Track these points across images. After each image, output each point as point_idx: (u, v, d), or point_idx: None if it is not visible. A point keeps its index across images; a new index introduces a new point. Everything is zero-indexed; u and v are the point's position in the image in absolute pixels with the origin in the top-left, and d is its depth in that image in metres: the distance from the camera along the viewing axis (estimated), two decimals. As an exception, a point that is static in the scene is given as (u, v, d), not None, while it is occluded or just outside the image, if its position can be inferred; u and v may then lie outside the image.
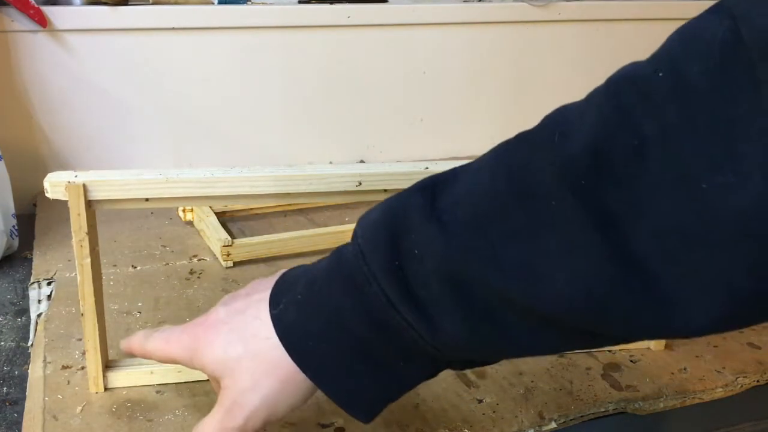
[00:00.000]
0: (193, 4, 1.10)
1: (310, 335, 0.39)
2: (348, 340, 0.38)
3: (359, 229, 0.40)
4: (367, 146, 1.27)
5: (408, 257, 0.36)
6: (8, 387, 0.60)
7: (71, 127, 1.08)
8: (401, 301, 0.36)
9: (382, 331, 0.37)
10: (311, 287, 0.40)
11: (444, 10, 1.24)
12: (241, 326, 0.41)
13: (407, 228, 0.37)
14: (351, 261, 0.39)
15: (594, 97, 0.34)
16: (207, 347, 0.42)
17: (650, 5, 1.39)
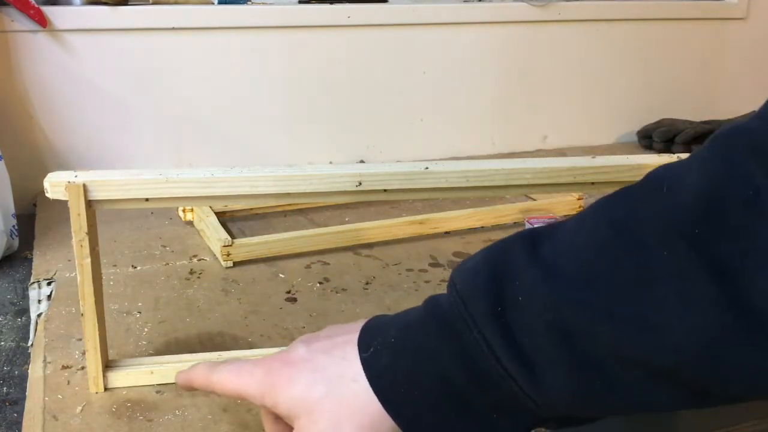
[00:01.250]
0: (193, 4, 1.10)
1: (403, 381, 0.37)
2: (443, 388, 0.36)
3: (456, 275, 0.38)
4: (367, 146, 1.27)
5: (511, 304, 0.35)
6: (8, 387, 0.60)
7: (71, 127, 1.08)
8: (503, 350, 0.34)
9: (480, 381, 0.36)
10: (405, 332, 0.38)
11: (444, 10, 1.24)
12: (325, 366, 0.39)
13: (510, 274, 0.35)
14: (449, 308, 0.37)
15: (698, 154, 0.34)
16: (285, 384, 0.39)
17: (650, 5, 1.39)
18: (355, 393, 0.38)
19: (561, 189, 0.60)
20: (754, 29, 1.51)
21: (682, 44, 1.45)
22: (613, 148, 1.41)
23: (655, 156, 0.60)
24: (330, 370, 0.39)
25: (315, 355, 0.40)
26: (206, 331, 0.67)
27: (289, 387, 0.39)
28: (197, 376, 0.44)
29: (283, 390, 0.39)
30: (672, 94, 1.48)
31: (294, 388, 0.39)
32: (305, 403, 0.38)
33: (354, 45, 1.21)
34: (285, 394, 0.39)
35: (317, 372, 0.39)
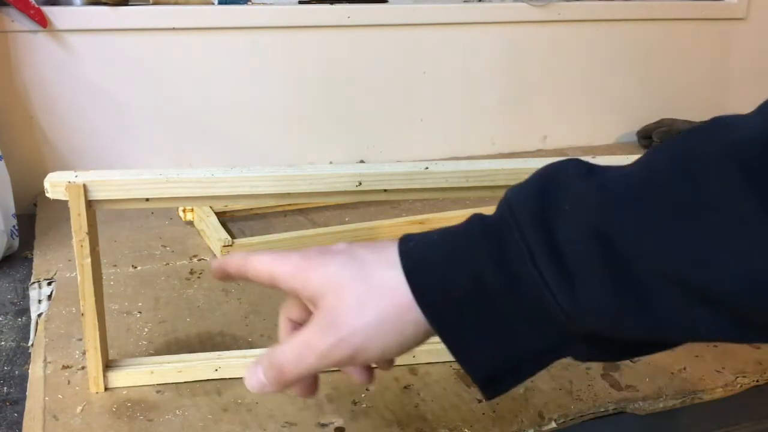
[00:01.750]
0: (193, 4, 1.10)
1: (436, 273, 0.36)
2: (474, 286, 0.35)
3: (509, 190, 0.37)
4: (367, 146, 1.27)
5: (557, 211, 0.34)
6: (8, 387, 0.60)
7: (71, 127, 1.08)
8: (542, 254, 0.34)
9: (513, 285, 0.35)
10: (447, 232, 0.38)
11: (444, 10, 1.25)
12: (362, 254, 0.39)
13: (560, 185, 0.35)
14: (495, 216, 0.37)
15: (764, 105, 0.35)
16: (318, 265, 0.39)
17: (650, 5, 1.39)
18: (387, 277, 0.37)
19: (561, 189, 0.60)
20: (754, 29, 1.51)
21: (682, 44, 1.45)
22: (613, 148, 1.41)
23: (655, 156, 0.60)
24: (366, 257, 0.38)
25: (353, 248, 0.40)
26: (206, 331, 0.68)
27: (323, 267, 0.39)
28: (231, 260, 0.43)
29: (316, 269, 0.39)
30: (672, 94, 1.48)
31: (328, 268, 0.38)
32: (336, 280, 0.38)
33: (354, 45, 1.21)
34: (317, 272, 0.39)
35: (353, 258, 0.39)
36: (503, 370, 0.37)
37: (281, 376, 0.39)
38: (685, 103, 1.48)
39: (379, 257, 0.38)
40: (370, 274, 0.37)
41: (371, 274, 0.37)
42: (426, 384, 0.59)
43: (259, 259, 0.41)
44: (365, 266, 0.38)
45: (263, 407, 0.56)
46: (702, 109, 1.48)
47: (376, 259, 0.38)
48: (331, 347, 0.37)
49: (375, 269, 0.37)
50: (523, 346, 0.36)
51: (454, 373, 0.60)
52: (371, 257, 0.38)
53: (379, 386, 0.58)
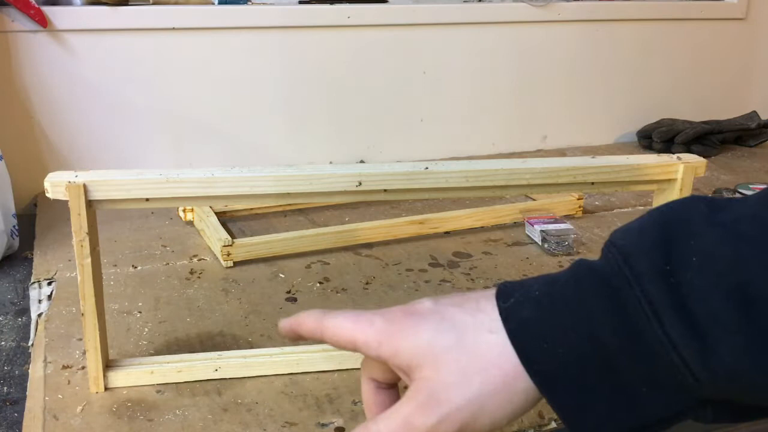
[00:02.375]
0: (193, 4, 1.10)
1: (545, 336, 0.33)
2: (590, 349, 0.32)
3: (616, 234, 0.34)
4: (367, 146, 1.27)
5: (682, 264, 0.30)
6: (9, 387, 0.60)
7: (71, 127, 1.08)
8: (668, 312, 0.30)
9: (634, 346, 0.31)
10: (551, 286, 0.34)
11: (444, 10, 1.25)
12: (456, 316, 0.35)
13: (683, 233, 0.31)
14: (605, 266, 0.33)
15: None
16: (408, 332, 0.35)
17: (650, 5, 1.39)
18: (490, 345, 0.34)
19: (561, 189, 0.60)
20: (754, 29, 1.51)
21: (682, 44, 1.45)
22: (613, 148, 1.41)
23: (655, 156, 0.60)
24: (462, 319, 0.35)
25: (444, 307, 0.36)
26: (206, 331, 0.68)
27: (414, 334, 0.35)
28: (307, 320, 0.39)
29: (406, 337, 0.35)
30: (672, 94, 1.48)
31: (420, 336, 0.35)
32: (431, 351, 0.34)
33: (354, 45, 1.21)
34: (408, 340, 0.35)
35: (447, 321, 0.35)
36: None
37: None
38: (684, 103, 1.48)
39: (475, 320, 0.35)
40: (470, 342, 0.34)
41: (470, 341, 0.34)
42: (426, 384, 0.59)
43: (339, 323, 0.38)
44: (462, 332, 0.34)
45: (263, 407, 0.56)
46: (702, 110, 1.48)
47: (473, 323, 0.35)
48: (434, 426, 0.34)
49: (474, 335, 0.34)
50: (644, 412, 0.33)
51: (454, 373, 0.60)
52: (467, 320, 0.35)
53: None
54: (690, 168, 0.59)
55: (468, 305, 0.36)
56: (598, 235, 0.93)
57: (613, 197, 1.08)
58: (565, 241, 0.87)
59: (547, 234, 0.88)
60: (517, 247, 0.89)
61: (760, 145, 1.42)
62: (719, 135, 1.37)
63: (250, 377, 0.59)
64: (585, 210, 1.00)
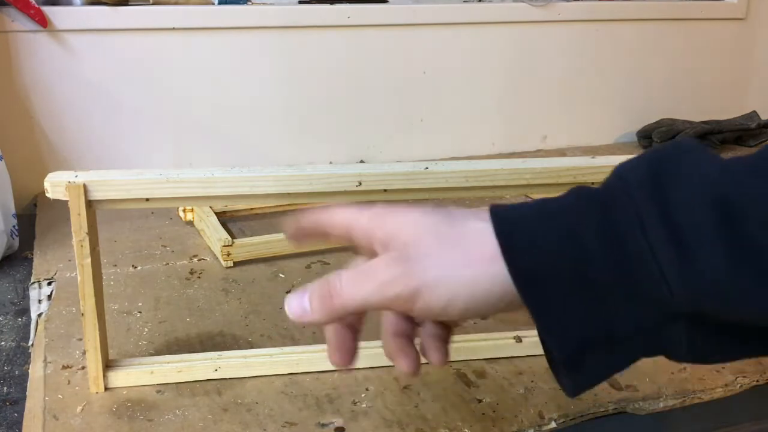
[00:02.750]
0: (193, 4, 1.10)
1: (528, 231, 0.33)
2: (570, 248, 0.32)
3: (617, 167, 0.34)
4: (367, 146, 1.27)
5: (672, 180, 0.31)
6: (8, 387, 0.60)
7: (71, 127, 1.08)
8: (652, 219, 0.31)
9: (614, 249, 0.31)
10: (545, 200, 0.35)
11: (444, 10, 1.25)
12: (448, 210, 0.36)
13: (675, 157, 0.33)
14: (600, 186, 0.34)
15: None
16: (400, 211, 0.36)
17: (650, 5, 1.39)
18: (472, 228, 0.34)
19: (561, 189, 0.60)
20: (754, 29, 1.51)
21: (682, 44, 1.45)
22: (613, 148, 1.41)
23: (655, 156, 0.60)
24: (453, 210, 0.36)
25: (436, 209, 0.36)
26: (206, 331, 0.68)
27: (403, 213, 0.36)
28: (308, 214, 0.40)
29: (396, 213, 0.36)
30: (672, 94, 1.48)
31: (410, 212, 0.35)
32: (415, 224, 0.35)
33: (354, 45, 1.21)
34: (398, 215, 0.36)
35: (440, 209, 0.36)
36: (588, 347, 0.33)
37: (329, 301, 0.35)
38: (684, 103, 1.48)
39: (468, 212, 0.35)
40: (455, 222, 0.34)
41: (456, 221, 0.34)
42: (426, 384, 0.59)
43: (338, 210, 0.38)
44: (452, 215, 0.35)
45: (263, 407, 0.56)
46: (702, 109, 1.48)
47: (464, 213, 0.35)
48: (395, 277, 0.33)
49: (461, 218, 0.34)
50: (615, 320, 0.32)
51: (454, 373, 0.60)
52: (458, 212, 0.35)
53: (379, 386, 0.58)
54: (690, 168, 0.59)
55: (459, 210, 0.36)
56: (598, 235, 0.93)
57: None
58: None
59: (547, 234, 0.87)
60: (517, 247, 0.89)
61: (760, 145, 1.42)
62: (719, 135, 1.37)
63: (250, 377, 0.59)
64: (585, 210, 1.00)
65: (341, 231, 0.38)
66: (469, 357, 0.62)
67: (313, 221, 0.39)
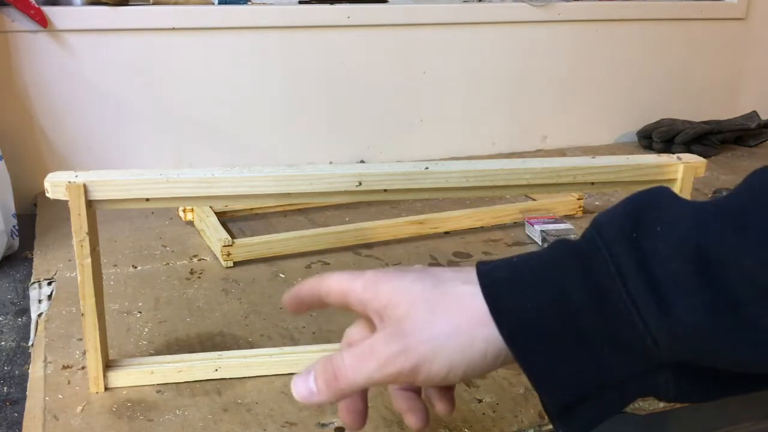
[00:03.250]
0: (193, 4, 1.10)
1: (515, 287, 0.34)
2: (558, 304, 0.33)
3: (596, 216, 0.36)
4: (367, 146, 1.27)
5: (648, 231, 0.33)
6: (9, 387, 0.60)
7: (71, 127, 1.08)
8: (632, 272, 0.32)
9: (599, 303, 0.33)
10: (528, 255, 0.36)
11: (444, 10, 1.25)
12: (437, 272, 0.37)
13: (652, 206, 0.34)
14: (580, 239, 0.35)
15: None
16: (391, 278, 0.38)
17: (650, 5, 1.39)
18: (461, 293, 0.35)
19: (561, 189, 0.60)
20: (754, 29, 1.51)
21: (681, 44, 1.45)
22: (613, 148, 1.41)
23: (654, 156, 0.60)
24: (442, 274, 0.37)
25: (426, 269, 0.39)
26: (206, 331, 0.68)
27: (396, 279, 0.37)
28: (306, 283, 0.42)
29: (388, 281, 0.37)
30: (672, 94, 1.48)
31: (401, 281, 0.37)
32: (407, 293, 0.36)
33: (354, 45, 1.21)
34: (389, 283, 0.37)
35: (428, 274, 0.37)
36: (581, 398, 0.34)
37: (334, 382, 0.36)
38: (685, 103, 1.48)
39: (455, 275, 0.37)
40: (444, 288, 0.36)
41: (445, 287, 0.36)
42: (426, 384, 0.59)
43: (333, 277, 0.40)
44: (440, 281, 0.36)
45: (263, 407, 0.56)
46: (702, 109, 1.48)
47: (451, 276, 0.37)
48: (395, 355, 0.35)
49: (450, 283, 0.36)
50: (605, 370, 0.34)
51: (454, 373, 0.60)
52: (447, 274, 0.37)
53: (379, 386, 0.58)
54: (690, 168, 0.59)
55: (448, 270, 0.38)
56: (598, 235, 0.93)
57: (613, 197, 1.08)
58: (565, 241, 0.87)
59: (548, 234, 0.88)
60: (517, 247, 0.89)
61: (760, 145, 1.42)
62: (719, 135, 1.37)
63: (250, 377, 0.59)
64: (585, 210, 1.00)
65: (337, 298, 0.40)
66: (469, 357, 0.62)
67: (309, 290, 0.41)
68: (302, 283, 0.42)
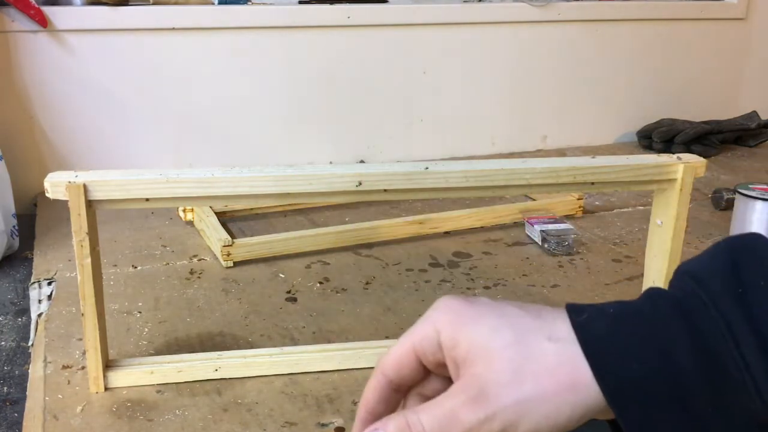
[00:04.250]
0: (193, 4, 1.10)
1: (620, 350, 0.33)
2: (664, 366, 0.32)
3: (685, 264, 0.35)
4: (367, 146, 1.27)
5: (753, 287, 0.32)
6: (9, 387, 0.60)
7: (71, 127, 1.08)
8: (744, 332, 0.31)
9: (708, 367, 0.32)
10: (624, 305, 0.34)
11: (444, 10, 1.25)
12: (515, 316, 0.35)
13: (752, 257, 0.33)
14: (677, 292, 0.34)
15: None
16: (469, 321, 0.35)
17: (650, 5, 1.39)
18: (547, 352, 0.33)
19: (561, 189, 0.60)
20: (754, 29, 1.51)
21: (682, 44, 1.45)
22: (613, 148, 1.41)
23: (655, 156, 0.60)
24: (520, 321, 0.35)
25: (502, 304, 0.36)
26: (206, 331, 0.68)
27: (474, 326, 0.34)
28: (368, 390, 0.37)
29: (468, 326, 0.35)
30: (672, 94, 1.48)
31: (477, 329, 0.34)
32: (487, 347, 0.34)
33: (354, 45, 1.21)
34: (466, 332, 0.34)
35: (505, 318, 0.35)
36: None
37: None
38: (685, 103, 1.48)
39: (535, 325, 0.34)
40: (527, 343, 0.34)
41: (528, 342, 0.34)
42: (426, 384, 0.59)
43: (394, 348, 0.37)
44: (521, 334, 0.34)
45: (263, 407, 0.56)
46: (702, 109, 1.48)
47: (532, 327, 0.34)
48: (480, 422, 0.33)
49: (533, 338, 0.34)
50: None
51: (454, 373, 0.60)
52: (527, 322, 0.35)
53: None
54: (690, 168, 0.59)
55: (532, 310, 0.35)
56: (597, 235, 0.93)
57: (613, 197, 1.08)
58: (565, 241, 0.87)
59: (547, 234, 0.88)
60: (517, 247, 0.89)
61: (760, 145, 1.42)
62: (719, 135, 1.37)
63: (250, 377, 0.59)
64: (585, 210, 1.00)
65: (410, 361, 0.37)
66: (469, 357, 0.62)
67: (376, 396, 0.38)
68: None
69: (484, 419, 0.33)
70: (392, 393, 0.39)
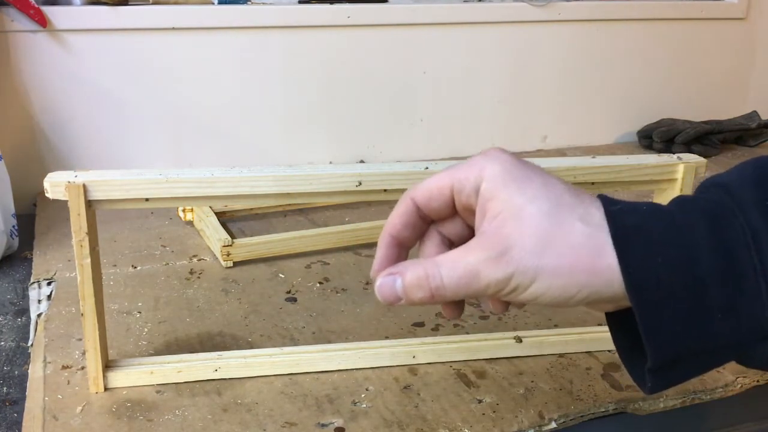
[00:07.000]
0: (193, 4, 1.10)
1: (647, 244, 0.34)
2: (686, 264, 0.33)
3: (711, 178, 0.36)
4: (367, 146, 1.27)
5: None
6: (8, 387, 0.60)
7: (71, 127, 1.08)
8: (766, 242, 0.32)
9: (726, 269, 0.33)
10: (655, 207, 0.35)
11: (444, 10, 1.24)
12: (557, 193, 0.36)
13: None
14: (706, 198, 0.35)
15: None
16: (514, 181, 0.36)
17: (650, 5, 1.39)
18: (575, 232, 0.34)
19: (561, 189, 0.60)
20: (754, 29, 1.51)
21: (681, 44, 1.45)
22: (613, 148, 1.41)
23: (655, 156, 0.60)
24: (561, 196, 0.36)
25: (549, 176, 0.37)
26: (206, 331, 0.68)
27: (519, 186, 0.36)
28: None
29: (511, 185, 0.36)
30: (672, 94, 1.48)
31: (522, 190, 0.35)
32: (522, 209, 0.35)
33: (354, 45, 1.21)
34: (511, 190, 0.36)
35: (547, 188, 0.36)
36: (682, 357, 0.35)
37: (427, 296, 0.36)
38: (685, 103, 1.48)
39: (577, 203, 0.35)
40: (562, 221, 0.35)
41: (563, 220, 0.35)
42: (426, 384, 0.59)
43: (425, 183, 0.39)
44: (557, 207, 0.35)
45: (263, 407, 0.56)
46: (702, 109, 1.48)
47: (573, 206, 0.35)
48: (499, 282, 0.35)
49: (566, 216, 0.35)
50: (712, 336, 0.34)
51: (454, 373, 0.60)
52: (568, 201, 0.35)
53: (379, 386, 0.58)
54: (690, 168, 0.59)
55: (571, 188, 0.36)
56: (598, 235, 0.92)
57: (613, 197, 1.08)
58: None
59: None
60: (517, 247, 0.89)
61: (760, 145, 1.42)
62: (719, 135, 1.37)
63: (250, 377, 0.59)
64: (585, 210, 1.00)
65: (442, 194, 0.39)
66: (469, 357, 0.62)
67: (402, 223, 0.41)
68: None
69: (504, 279, 0.35)
70: (418, 220, 0.40)
